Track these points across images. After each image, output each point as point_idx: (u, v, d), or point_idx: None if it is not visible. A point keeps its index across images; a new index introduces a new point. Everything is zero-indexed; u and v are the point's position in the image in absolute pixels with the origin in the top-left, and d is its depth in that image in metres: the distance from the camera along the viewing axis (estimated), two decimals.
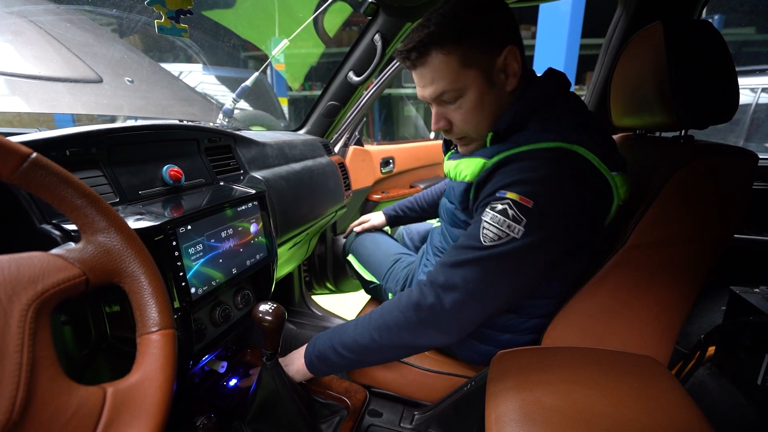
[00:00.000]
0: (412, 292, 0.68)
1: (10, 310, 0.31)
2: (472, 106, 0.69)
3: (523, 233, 0.60)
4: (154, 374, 0.38)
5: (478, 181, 0.68)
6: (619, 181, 0.65)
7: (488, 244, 0.62)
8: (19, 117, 1.48)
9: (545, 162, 0.62)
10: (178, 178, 0.70)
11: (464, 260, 0.64)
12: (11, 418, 0.27)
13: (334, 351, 0.73)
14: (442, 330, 0.66)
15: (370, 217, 1.30)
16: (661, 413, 0.53)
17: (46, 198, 0.38)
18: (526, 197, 0.60)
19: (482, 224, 0.63)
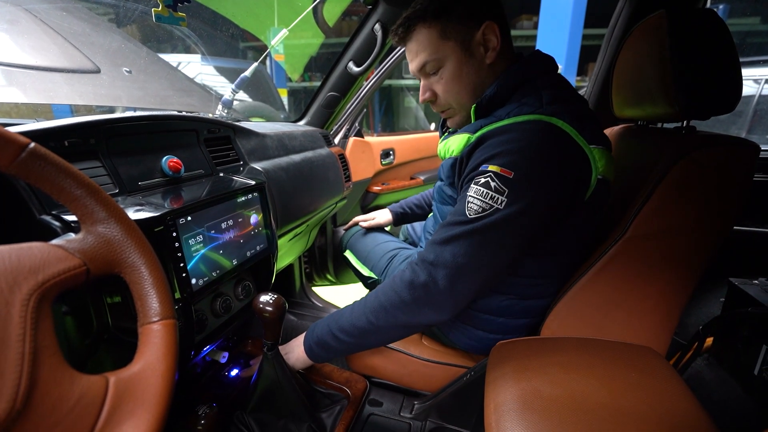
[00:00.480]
0: (405, 272, 0.70)
1: (12, 300, 0.31)
2: (452, 75, 0.73)
3: (506, 203, 0.62)
4: (155, 363, 0.38)
5: (462, 155, 0.71)
6: (597, 155, 0.66)
7: (473, 216, 0.64)
8: (17, 108, 1.47)
9: (523, 134, 0.64)
10: (177, 169, 0.69)
11: (452, 236, 0.66)
12: (14, 407, 0.28)
13: (332, 336, 0.74)
14: (436, 307, 0.68)
15: (375, 215, 1.29)
16: (658, 403, 0.54)
17: (44, 188, 0.38)
18: (506, 168, 0.62)
19: (467, 199, 0.65)
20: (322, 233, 1.59)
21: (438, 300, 0.67)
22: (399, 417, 0.82)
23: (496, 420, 0.54)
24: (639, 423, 0.50)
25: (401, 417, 0.82)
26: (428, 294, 0.66)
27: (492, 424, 0.54)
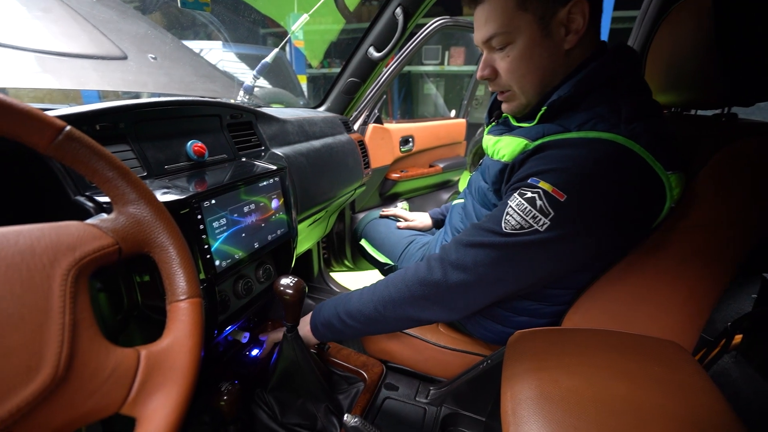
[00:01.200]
0: (420, 267, 0.68)
1: (53, 275, 0.32)
2: (520, 54, 0.63)
3: (547, 227, 0.56)
4: (183, 339, 0.39)
5: (514, 162, 0.65)
6: (674, 182, 0.59)
7: (508, 231, 0.59)
8: (51, 93, 1.52)
9: (591, 154, 0.56)
10: (201, 153, 0.71)
11: (480, 242, 0.62)
12: (57, 373, 0.29)
13: (338, 319, 0.74)
14: (445, 307, 0.66)
15: (415, 218, 1.26)
16: (683, 398, 0.53)
17: (79, 169, 0.39)
18: (559, 189, 0.55)
19: (506, 209, 0.60)
20: (341, 219, 1.60)
21: (448, 301, 0.65)
22: (414, 402, 0.84)
23: (513, 408, 0.54)
24: (661, 417, 0.49)
25: (417, 402, 0.84)
26: (439, 293, 0.64)
27: (509, 412, 0.54)
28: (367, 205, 1.75)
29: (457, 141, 2.28)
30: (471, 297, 0.64)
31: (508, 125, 0.76)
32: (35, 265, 0.32)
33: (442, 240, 0.95)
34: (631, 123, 0.57)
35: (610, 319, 0.72)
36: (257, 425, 0.80)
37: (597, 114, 0.59)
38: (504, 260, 0.61)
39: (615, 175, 0.56)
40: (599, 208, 0.57)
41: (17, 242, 0.32)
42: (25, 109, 0.35)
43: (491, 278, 0.62)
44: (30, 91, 1.46)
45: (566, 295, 0.75)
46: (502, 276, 0.61)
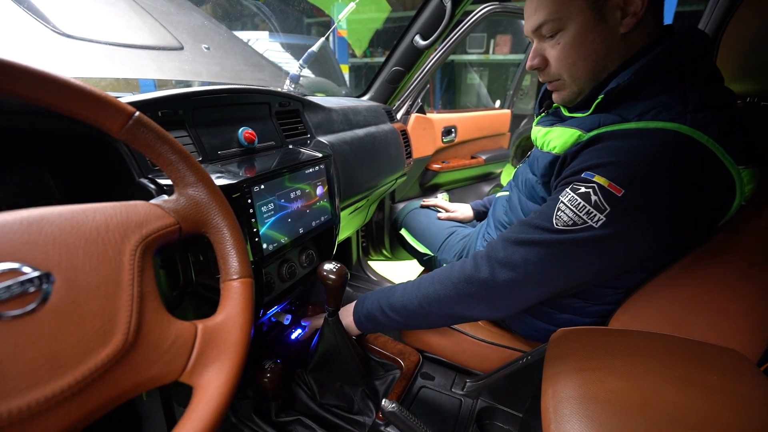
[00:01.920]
0: (466, 264, 0.67)
1: (123, 249, 0.35)
2: (572, 40, 0.60)
3: (602, 223, 0.53)
4: (236, 317, 0.42)
5: (566, 154, 0.61)
6: (747, 177, 0.54)
7: (560, 227, 0.57)
8: (114, 83, 1.63)
9: (654, 146, 0.52)
10: (252, 140, 0.74)
11: (529, 239, 0.60)
12: (127, 339, 0.32)
13: (382, 312, 0.74)
14: (491, 305, 0.64)
15: (456, 209, 1.25)
16: (743, 409, 0.49)
17: (146, 153, 0.42)
18: (616, 184, 0.52)
19: (558, 204, 0.58)
20: (380, 209, 1.61)
21: (494, 299, 0.63)
22: (450, 392, 0.84)
23: (554, 406, 0.53)
24: (716, 428, 0.46)
25: (452, 393, 0.83)
26: (486, 291, 0.63)
27: (549, 410, 0.53)
28: (407, 195, 1.75)
29: (500, 132, 2.21)
30: (518, 296, 0.62)
31: (559, 116, 0.73)
32: (109, 240, 0.35)
33: (484, 233, 0.94)
34: (699, 112, 0.53)
35: (663, 322, 0.68)
36: (297, 403, 0.84)
37: (660, 102, 0.55)
38: (554, 258, 0.58)
39: (679, 168, 0.52)
40: (660, 204, 0.53)
41: (94, 218, 0.35)
42: (101, 95, 0.37)
43: (540, 277, 0.60)
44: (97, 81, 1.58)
45: (615, 294, 0.71)
46: (552, 274, 0.59)
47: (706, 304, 0.65)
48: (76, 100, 0.36)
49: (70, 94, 0.35)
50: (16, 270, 0.29)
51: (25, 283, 0.29)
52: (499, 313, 0.65)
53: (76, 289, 0.31)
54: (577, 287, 0.64)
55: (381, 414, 0.75)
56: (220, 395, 0.36)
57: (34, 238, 0.31)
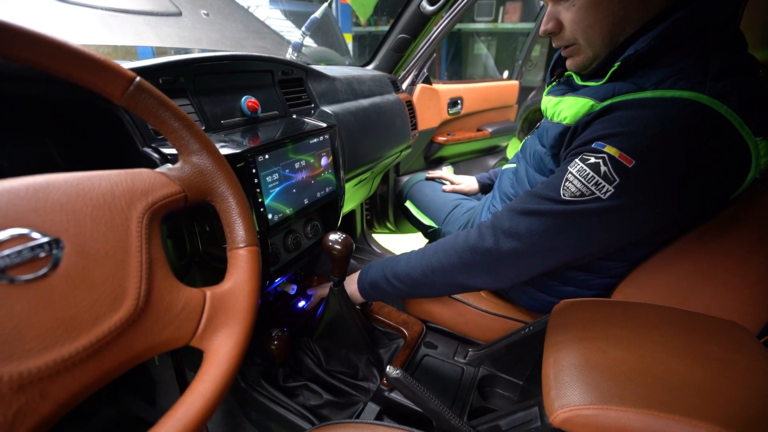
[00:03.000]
0: (470, 234, 0.67)
1: (130, 217, 0.35)
2: (588, 2, 0.58)
3: (610, 195, 0.52)
4: (243, 284, 0.42)
5: (577, 124, 0.60)
6: (764, 149, 0.52)
7: (567, 198, 0.56)
8: (115, 51, 1.60)
9: (668, 116, 0.50)
10: (255, 109, 0.72)
11: (535, 210, 0.59)
12: (138, 304, 0.33)
13: (386, 281, 0.75)
14: (495, 275, 0.65)
15: (461, 181, 1.24)
16: (742, 379, 0.50)
17: (148, 120, 0.41)
18: (628, 155, 0.51)
19: (566, 175, 0.56)
20: (385, 182, 1.61)
21: (499, 269, 0.63)
22: (453, 361, 0.86)
23: (555, 374, 0.54)
24: (717, 396, 0.47)
25: (455, 361, 0.85)
26: (490, 261, 0.63)
27: (550, 377, 0.54)
28: (412, 168, 1.74)
29: (508, 104, 2.16)
30: (522, 266, 0.62)
31: (571, 85, 0.71)
32: (115, 207, 0.35)
33: (489, 205, 0.93)
34: (719, 81, 0.50)
35: (667, 294, 0.68)
36: (303, 369, 0.86)
37: (679, 70, 0.53)
38: (560, 229, 0.58)
39: (694, 139, 0.50)
40: (672, 176, 0.52)
41: (100, 185, 0.35)
42: (102, 59, 0.36)
43: (545, 248, 0.59)
44: (93, 48, 1.54)
45: (619, 267, 0.71)
46: (557, 246, 0.59)
47: (711, 278, 0.65)
48: (75, 64, 0.35)
49: (69, 57, 0.34)
50: (25, 236, 0.29)
51: (36, 248, 0.29)
52: (501, 283, 0.65)
53: (85, 255, 0.31)
54: (582, 259, 0.64)
55: (385, 380, 0.77)
56: (230, 359, 0.37)
57: (41, 204, 0.31)
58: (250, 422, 0.89)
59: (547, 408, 0.50)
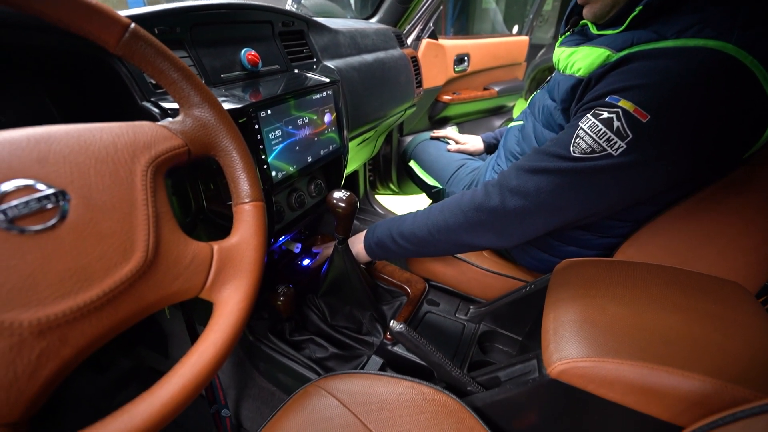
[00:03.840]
0: (477, 192, 0.66)
1: (134, 170, 0.35)
2: None
3: (622, 151, 0.51)
4: (249, 238, 0.43)
5: (591, 76, 0.57)
6: None
7: (577, 155, 0.54)
8: None
9: (688, 67, 0.47)
10: (255, 62, 0.70)
11: (543, 168, 0.58)
12: (147, 256, 0.33)
13: (392, 240, 0.75)
14: (500, 234, 0.64)
15: (466, 140, 1.21)
16: (739, 336, 0.51)
17: (146, 70, 0.40)
18: (643, 109, 0.48)
19: (577, 131, 0.54)
20: (388, 142, 1.58)
21: (504, 227, 0.63)
22: (454, 317, 0.88)
23: (554, 329, 0.56)
24: (713, 351, 0.48)
25: (456, 318, 0.88)
26: (495, 219, 0.63)
27: (549, 332, 0.56)
28: (416, 128, 1.70)
29: (516, 62, 2.08)
30: (528, 225, 0.62)
31: (586, 34, 0.67)
32: (118, 159, 0.34)
33: (494, 165, 0.92)
34: (748, 29, 0.47)
35: (669, 255, 0.69)
36: (309, 324, 0.89)
37: (706, 17, 0.49)
38: (568, 187, 0.56)
39: (715, 93, 0.47)
40: (688, 131, 0.49)
41: (102, 138, 0.34)
42: (95, 3, 0.35)
43: (553, 206, 0.58)
44: None
45: (623, 227, 0.71)
46: (565, 204, 0.58)
47: (715, 239, 0.65)
48: (67, 9, 0.33)
49: (61, 1, 0.33)
50: (30, 186, 0.29)
51: (42, 199, 0.29)
52: (507, 242, 0.65)
53: (92, 208, 0.31)
54: (589, 218, 0.63)
55: (389, 334, 0.79)
56: (240, 310, 0.38)
57: (44, 155, 0.30)
58: (259, 373, 0.93)
59: (545, 361, 0.52)
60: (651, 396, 0.46)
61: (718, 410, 0.39)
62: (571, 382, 0.49)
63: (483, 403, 0.59)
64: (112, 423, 0.28)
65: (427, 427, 0.54)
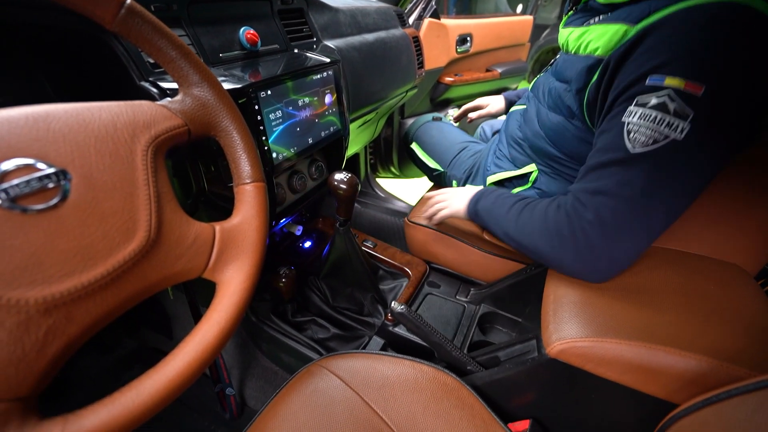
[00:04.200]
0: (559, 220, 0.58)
1: (135, 149, 0.34)
2: None
3: (687, 131, 0.45)
4: (251, 219, 0.43)
5: (610, 57, 0.52)
6: None
7: (638, 150, 0.48)
8: None
9: (716, 25, 0.43)
10: (254, 41, 0.68)
11: (605, 187, 0.51)
12: (150, 235, 0.33)
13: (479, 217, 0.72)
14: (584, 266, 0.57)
15: (488, 102, 1.16)
16: (737, 318, 0.51)
17: (143, 48, 0.39)
18: (694, 81, 0.44)
19: (626, 127, 0.49)
20: (389, 124, 1.56)
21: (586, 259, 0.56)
22: (455, 299, 0.89)
23: (554, 310, 0.56)
24: (711, 331, 0.49)
25: (457, 299, 0.89)
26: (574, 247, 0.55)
27: (549, 313, 0.56)
28: (417, 110, 1.68)
29: (520, 42, 2.04)
30: (615, 253, 0.54)
31: (593, 10, 0.63)
32: (118, 138, 0.34)
33: (495, 150, 0.91)
34: None
35: (670, 237, 0.68)
36: (311, 306, 0.90)
37: None
38: (645, 193, 0.49)
39: (753, 49, 0.43)
40: (741, 95, 0.45)
41: (101, 116, 0.34)
42: None
43: (635, 222, 0.52)
44: None
45: None
46: (647, 214, 0.51)
47: (716, 221, 0.65)
48: None
49: None
50: (31, 166, 0.29)
51: (43, 178, 0.29)
52: (595, 274, 0.58)
53: (94, 187, 0.31)
54: (676, 216, 0.54)
55: (390, 315, 0.80)
56: (242, 290, 0.39)
57: (43, 134, 0.30)
58: (262, 353, 0.94)
59: (545, 341, 0.53)
60: (648, 375, 0.46)
61: (714, 388, 0.40)
62: (570, 361, 0.50)
63: (482, 382, 0.60)
64: (118, 398, 0.29)
65: (427, 405, 0.55)
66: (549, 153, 0.73)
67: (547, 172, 0.76)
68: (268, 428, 0.51)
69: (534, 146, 0.76)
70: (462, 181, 1.01)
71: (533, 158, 0.79)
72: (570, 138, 0.67)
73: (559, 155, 0.72)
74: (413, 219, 0.96)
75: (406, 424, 0.53)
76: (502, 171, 0.85)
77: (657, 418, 0.45)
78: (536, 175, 0.78)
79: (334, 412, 0.53)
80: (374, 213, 1.47)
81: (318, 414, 0.52)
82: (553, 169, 0.75)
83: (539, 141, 0.74)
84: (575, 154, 0.69)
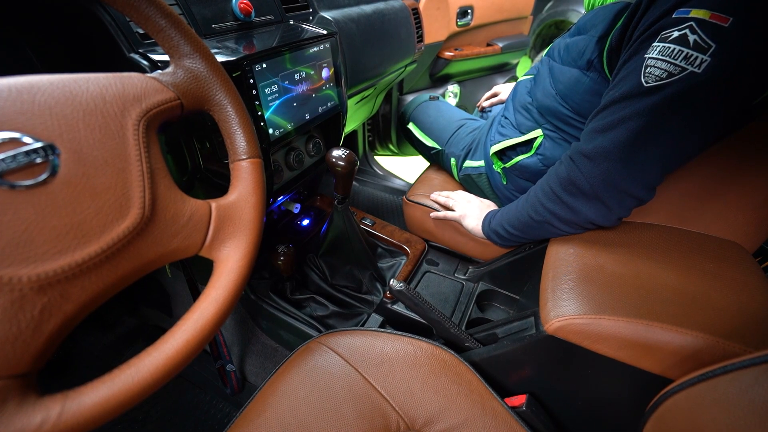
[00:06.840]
0: (558, 167, 0.61)
1: (125, 124, 0.33)
2: None
3: (707, 65, 0.43)
4: (248, 196, 0.42)
5: None
6: None
7: (652, 84, 0.46)
8: None
9: None
10: (248, 11, 0.66)
11: (618, 119, 0.50)
12: (144, 213, 0.32)
13: (504, 229, 0.74)
14: (597, 207, 0.58)
15: (501, 89, 1.14)
16: (734, 294, 0.52)
17: (131, 16, 0.37)
18: (721, 12, 0.42)
19: (645, 62, 0.47)
20: (387, 101, 1.53)
21: (598, 199, 0.57)
22: (453, 277, 0.89)
23: (553, 287, 0.56)
24: (708, 308, 0.49)
25: (455, 277, 0.89)
26: (584, 192, 0.57)
27: (548, 290, 0.56)
28: (416, 86, 1.64)
29: (522, 15, 1.98)
30: (621, 191, 0.55)
31: None
32: (108, 112, 0.33)
33: (500, 119, 0.89)
34: None
35: (669, 215, 0.68)
36: (309, 283, 0.90)
37: None
38: (653, 128, 0.48)
39: None
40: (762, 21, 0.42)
41: (88, 89, 0.32)
42: None
43: (639, 160, 0.51)
44: None
45: None
46: (653, 152, 0.50)
47: (715, 198, 0.65)
48: None
49: None
50: (17, 140, 0.27)
51: (30, 153, 0.28)
52: (606, 215, 0.58)
53: (84, 163, 0.30)
54: (680, 163, 0.54)
55: (388, 292, 0.81)
56: (240, 267, 0.38)
57: (28, 107, 0.29)
58: (261, 330, 0.95)
59: (543, 318, 0.53)
60: (644, 351, 0.47)
61: (709, 364, 0.41)
62: (567, 338, 0.50)
63: (480, 358, 0.61)
64: (119, 375, 0.29)
65: (425, 380, 0.55)
66: (558, 112, 0.72)
67: (552, 136, 0.76)
68: (269, 403, 0.52)
69: (542, 106, 0.76)
70: (461, 159, 0.99)
71: (539, 122, 0.78)
72: (582, 92, 0.67)
73: (568, 113, 0.71)
74: (412, 197, 0.95)
75: (404, 398, 0.54)
76: (506, 139, 0.83)
77: (652, 393, 0.46)
78: (541, 140, 0.77)
79: (333, 387, 0.54)
80: (372, 191, 1.46)
81: (317, 389, 0.53)
82: (559, 133, 0.74)
83: (548, 100, 0.74)
84: (585, 110, 0.68)
